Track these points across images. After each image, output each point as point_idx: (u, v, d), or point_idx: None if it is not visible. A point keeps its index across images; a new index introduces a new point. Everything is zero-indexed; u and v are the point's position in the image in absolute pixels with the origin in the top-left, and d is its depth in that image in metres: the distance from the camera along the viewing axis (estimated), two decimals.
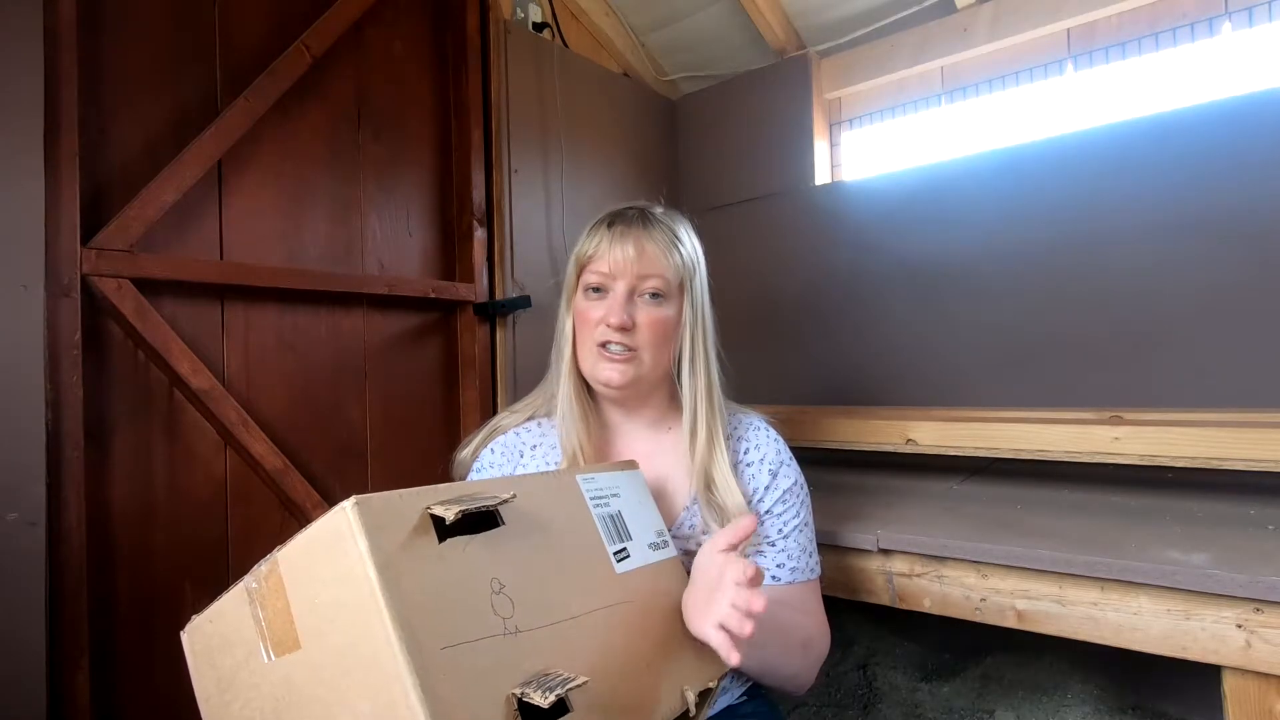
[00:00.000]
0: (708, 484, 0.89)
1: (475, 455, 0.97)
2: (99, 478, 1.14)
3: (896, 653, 1.57)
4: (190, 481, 1.24)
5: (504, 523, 0.65)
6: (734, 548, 0.73)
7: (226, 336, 1.30)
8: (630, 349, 0.88)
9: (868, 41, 1.96)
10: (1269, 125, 1.35)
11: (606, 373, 0.88)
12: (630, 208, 0.93)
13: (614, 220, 0.90)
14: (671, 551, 0.83)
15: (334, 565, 0.55)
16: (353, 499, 0.55)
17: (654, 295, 0.89)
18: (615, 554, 0.75)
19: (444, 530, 0.59)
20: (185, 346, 1.20)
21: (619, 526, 0.78)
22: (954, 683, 1.45)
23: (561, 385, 0.92)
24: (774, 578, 0.91)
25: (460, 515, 0.59)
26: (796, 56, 2.04)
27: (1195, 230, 1.41)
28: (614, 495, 0.80)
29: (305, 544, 0.58)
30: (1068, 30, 1.70)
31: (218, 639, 0.65)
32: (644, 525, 0.81)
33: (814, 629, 0.90)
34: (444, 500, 0.60)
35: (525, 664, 0.58)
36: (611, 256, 0.87)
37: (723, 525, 0.87)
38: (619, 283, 0.88)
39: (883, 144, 2.04)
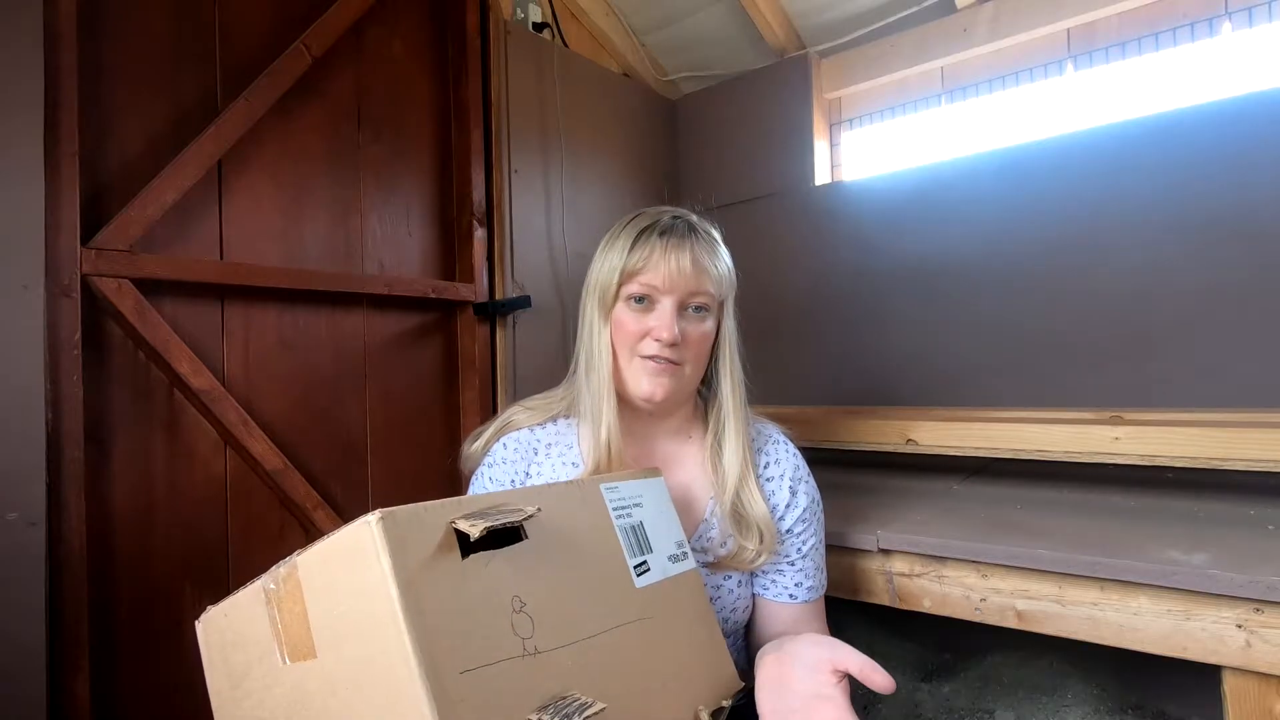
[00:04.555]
0: (736, 495, 0.89)
1: (486, 449, 0.96)
2: (99, 477, 1.14)
3: (896, 653, 1.57)
4: (190, 481, 1.24)
5: (527, 536, 0.64)
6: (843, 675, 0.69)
7: (226, 336, 1.30)
8: (676, 362, 0.87)
9: (868, 41, 1.96)
10: (1269, 125, 1.35)
11: (649, 388, 0.87)
12: (676, 217, 0.90)
13: (665, 231, 0.87)
14: (690, 564, 0.82)
15: (355, 578, 0.55)
16: (378, 513, 0.54)
17: (699, 309, 0.88)
18: (635, 567, 0.74)
19: (467, 546, 0.58)
20: (185, 346, 1.20)
21: (640, 538, 0.77)
22: (954, 683, 1.45)
23: (600, 396, 0.89)
24: (791, 596, 0.91)
25: (485, 532, 0.58)
26: (796, 56, 2.04)
27: (1195, 230, 1.41)
28: (636, 505, 0.79)
29: (327, 552, 0.58)
30: (1068, 30, 1.70)
31: (232, 634, 0.65)
32: (665, 536, 0.80)
33: None
34: (468, 514, 0.59)
35: (544, 687, 0.57)
36: (666, 269, 0.85)
37: (743, 534, 0.87)
38: (668, 296, 0.86)
39: (883, 144, 2.04)
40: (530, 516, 0.63)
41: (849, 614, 1.66)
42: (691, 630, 0.76)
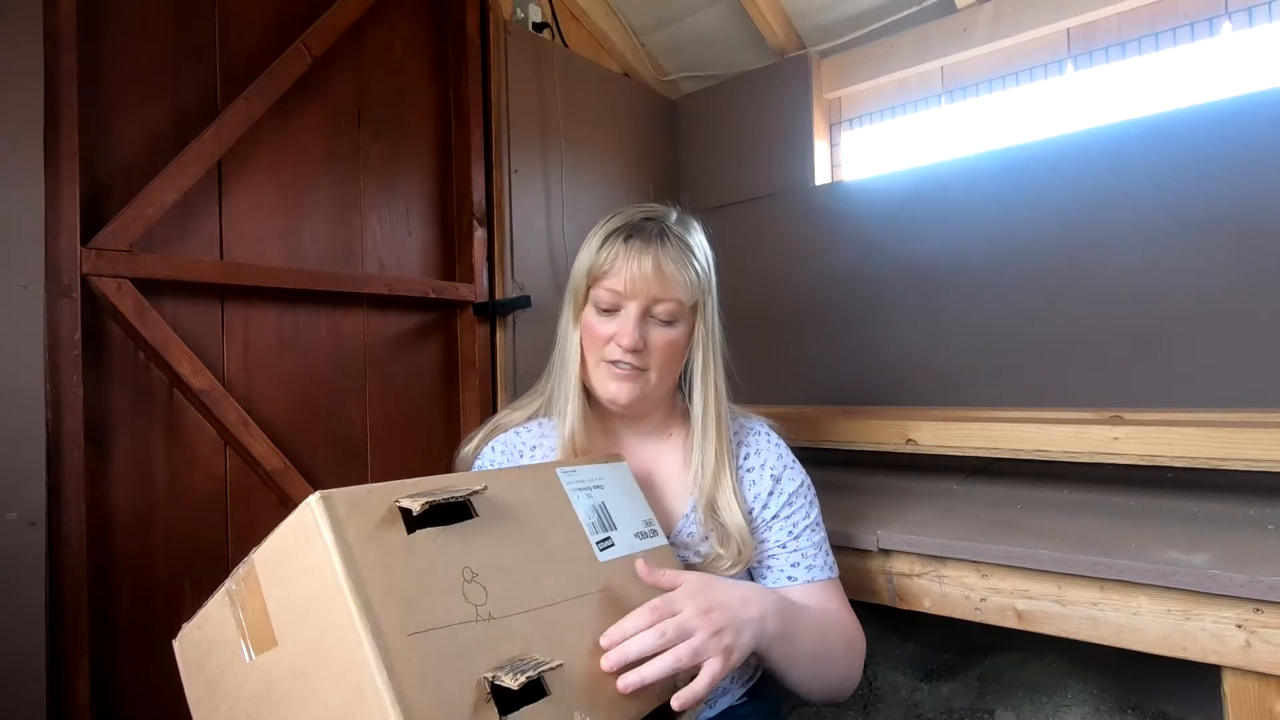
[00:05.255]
0: (712, 500, 0.88)
1: (477, 452, 0.97)
2: (99, 478, 1.14)
3: (896, 653, 1.57)
4: (190, 481, 1.24)
5: (477, 515, 0.65)
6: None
7: (226, 336, 1.30)
8: (639, 368, 0.86)
9: (868, 41, 1.96)
10: (1269, 125, 1.35)
11: (614, 390, 0.87)
12: (647, 219, 0.89)
13: (631, 234, 0.86)
14: (661, 540, 0.82)
15: (302, 559, 0.56)
16: (317, 493, 0.56)
17: (665, 315, 0.87)
18: (598, 543, 0.74)
19: (413, 522, 0.60)
20: (185, 346, 1.20)
21: (602, 516, 0.77)
22: (954, 683, 1.45)
23: (570, 400, 0.90)
24: (790, 579, 0.89)
25: (427, 506, 0.59)
26: (796, 56, 2.04)
27: (1195, 230, 1.41)
28: (597, 487, 0.80)
29: (277, 541, 0.60)
30: (1068, 30, 1.70)
31: (205, 644, 0.66)
32: (630, 515, 0.81)
33: (849, 624, 0.88)
34: (413, 494, 0.61)
35: (500, 649, 0.58)
36: (628, 274, 0.84)
37: (722, 541, 0.87)
38: (632, 303, 0.85)
39: (883, 144, 2.04)
40: (475, 492, 0.65)
41: None
42: None
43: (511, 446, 0.95)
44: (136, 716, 1.16)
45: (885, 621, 1.63)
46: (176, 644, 0.69)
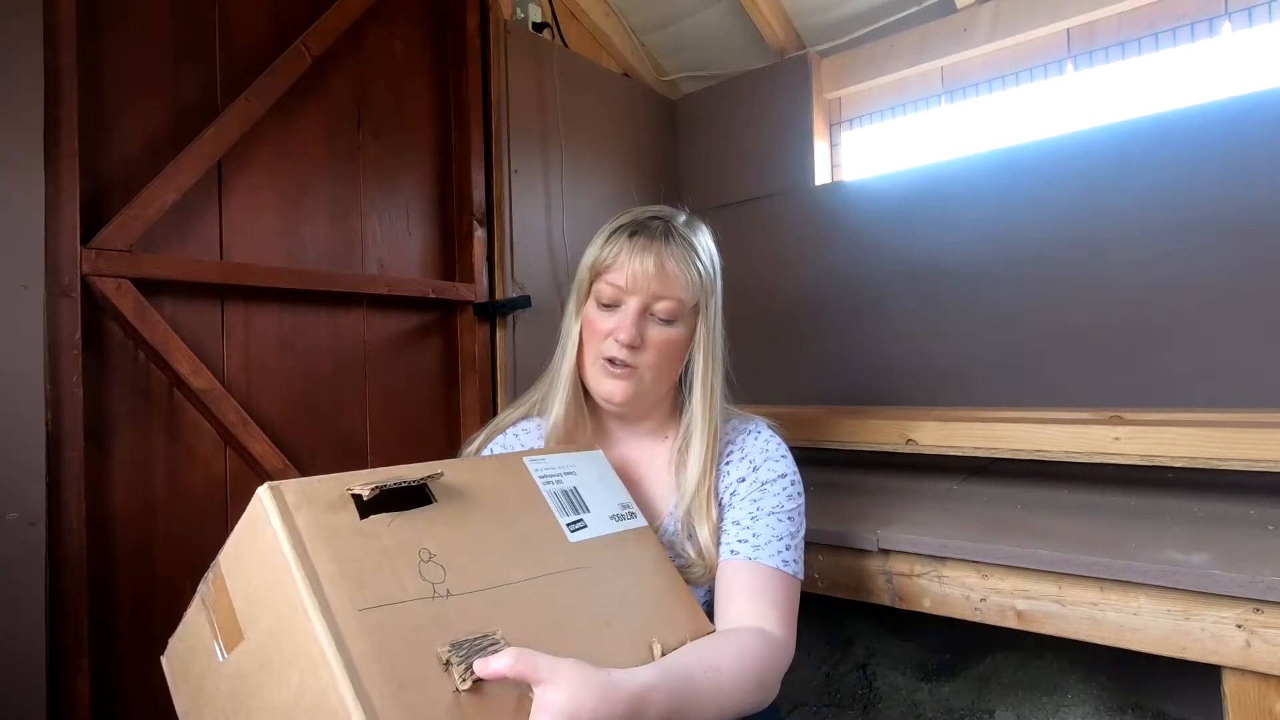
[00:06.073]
0: (689, 509, 0.88)
1: (477, 455, 0.97)
2: (99, 477, 1.14)
3: (896, 653, 1.57)
4: (190, 481, 1.24)
5: (435, 500, 0.66)
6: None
7: (226, 336, 1.30)
8: (633, 366, 0.86)
9: (868, 41, 1.96)
10: (1269, 125, 1.35)
11: (608, 388, 0.87)
12: (654, 218, 0.89)
13: (636, 231, 0.87)
14: (640, 522, 0.82)
15: (257, 550, 0.58)
16: (266, 484, 0.58)
17: (665, 314, 0.86)
18: (569, 525, 0.75)
19: (365, 507, 0.61)
20: (185, 346, 1.20)
21: (573, 500, 0.78)
22: (954, 683, 1.45)
23: (561, 390, 0.91)
24: (733, 552, 0.83)
25: (377, 492, 0.60)
26: (796, 56, 2.04)
27: (1195, 230, 1.41)
28: (568, 473, 0.80)
29: (236, 538, 0.61)
30: (1068, 30, 1.70)
31: (187, 653, 0.67)
32: (604, 499, 0.80)
33: (767, 653, 0.74)
34: (365, 481, 0.62)
35: (458, 624, 0.58)
36: (630, 270, 0.84)
37: (698, 551, 0.85)
38: (633, 298, 0.85)
39: (883, 144, 2.04)
40: (430, 477, 0.65)
41: (849, 614, 1.66)
42: (644, 579, 0.76)
43: (508, 449, 0.95)
44: (136, 716, 1.16)
45: (885, 621, 1.63)
46: (164, 660, 0.70)
